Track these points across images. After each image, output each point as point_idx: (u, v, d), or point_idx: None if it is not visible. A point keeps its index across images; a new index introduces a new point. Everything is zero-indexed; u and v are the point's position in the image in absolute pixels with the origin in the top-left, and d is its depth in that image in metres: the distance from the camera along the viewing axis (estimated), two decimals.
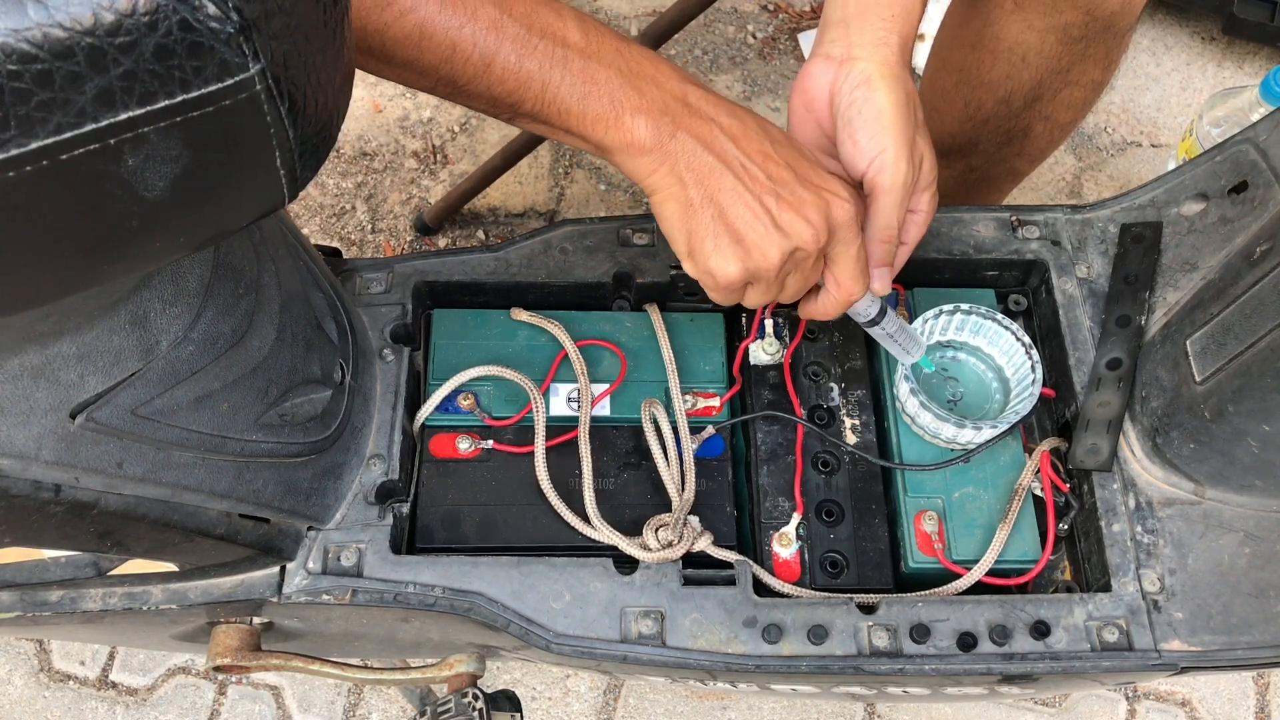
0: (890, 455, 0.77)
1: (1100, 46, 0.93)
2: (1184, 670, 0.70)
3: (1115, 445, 0.74)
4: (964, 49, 0.99)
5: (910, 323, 0.78)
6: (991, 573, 0.72)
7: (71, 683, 1.27)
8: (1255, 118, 1.16)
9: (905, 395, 0.74)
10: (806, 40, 1.60)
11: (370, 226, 1.50)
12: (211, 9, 0.32)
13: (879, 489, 0.77)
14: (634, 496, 0.77)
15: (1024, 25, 0.91)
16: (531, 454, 0.76)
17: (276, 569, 0.71)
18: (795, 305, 0.79)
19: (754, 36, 1.63)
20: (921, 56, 1.55)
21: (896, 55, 0.67)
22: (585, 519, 0.74)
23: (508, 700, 0.74)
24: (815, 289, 0.70)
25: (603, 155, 0.63)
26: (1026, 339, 0.75)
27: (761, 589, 0.72)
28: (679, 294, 0.83)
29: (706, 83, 1.58)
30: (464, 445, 0.78)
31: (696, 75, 1.59)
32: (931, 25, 1.53)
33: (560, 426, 0.78)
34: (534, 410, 0.77)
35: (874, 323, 0.72)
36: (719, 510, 0.77)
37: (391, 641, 0.86)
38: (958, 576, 0.72)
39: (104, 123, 0.33)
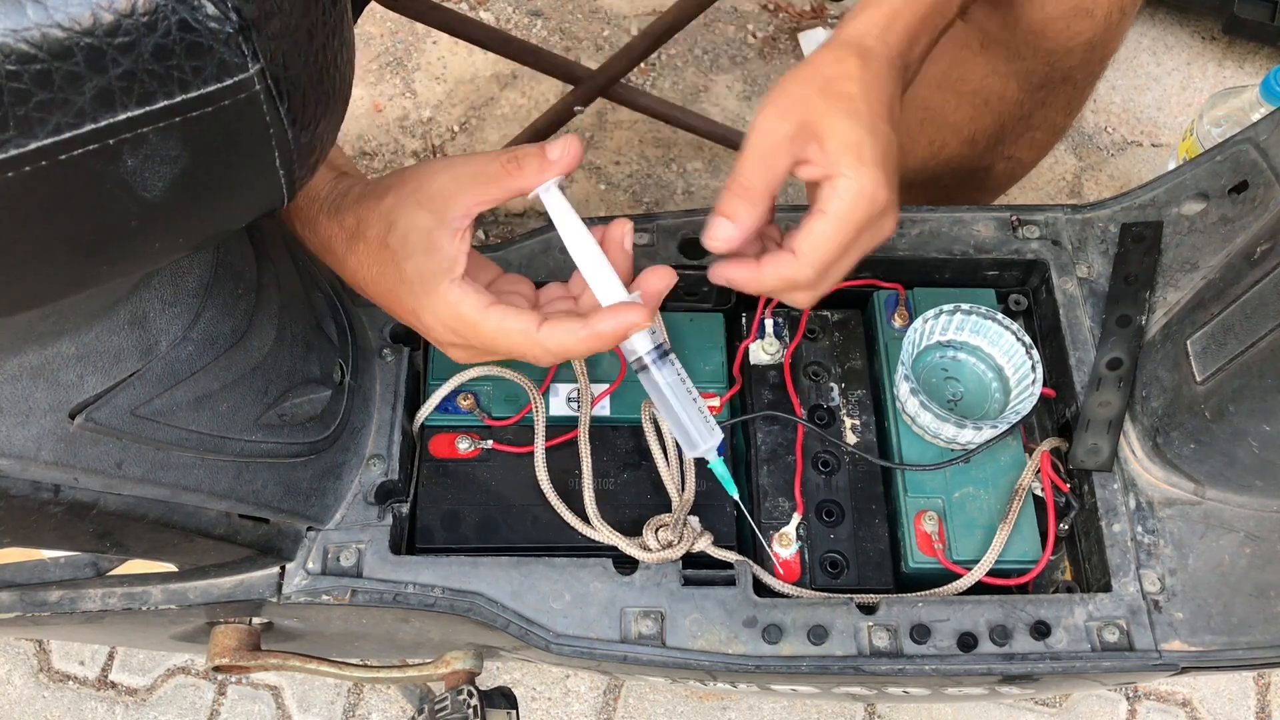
0: (890, 455, 0.77)
1: (1061, 95, 0.92)
2: (1184, 670, 0.70)
3: (1115, 445, 0.74)
4: (929, 88, 0.98)
5: (910, 323, 0.78)
6: (992, 573, 0.72)
7: (71, 683, 1.27)
8: (1255, 117, 1.16)
9: (905, 395, 0.74)
10: (807, 40, 1.60)
11: None
12: (210, 9, 0.32)
13: (879, 489, 0.77)
14: (634, 496, 0.77)
15: (988, 69, 0.91)
16: (531, 454, 0.76)
17: (276, 569, 0.71)
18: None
19: (754, 36, 1.63)
20: None
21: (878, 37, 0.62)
22: (585, 519, 0.74)
23: (503, 697, 0.74)
24: None
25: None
26: (1027, 339, 0.75)
27: (761, 589, 0.72)
28: (679, 294, 0.83)
29: (707, 83, 1.58)
30: (464, 445, 0.78)
31: (696, 75, 1.59)
32: None
33: (560, 426, 0.78)
34: (534, 410, 0.77)
35: (642, 368, 0.61)
36: (719, 510, 0.76)
37: (391, 641, 0.86)
38: (958, 577, 0.72)
39: (103, 123, 0.33)
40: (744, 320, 0.83)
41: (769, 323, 0.81)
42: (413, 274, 0.57)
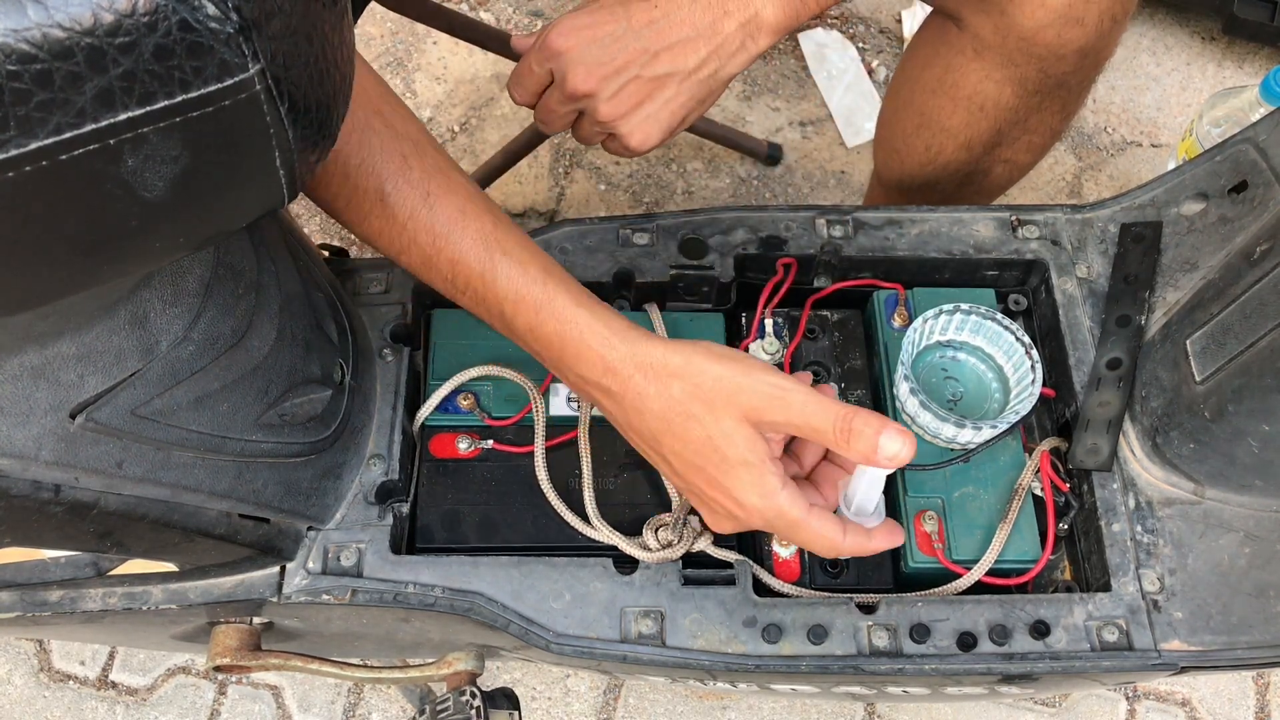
0: None
1: (1056, 100, 0.93)
2: (1184, 670, 0.70)
3: (1115, 445, 0.74)
4: (924, 93, 0.98)
5: (909, 323, 0.78)
6: (991, 572, 0.72)
7: (71, 683, 1.27)
8: (1255, 117, 1.16)
9: (905, 395, 0.74)
10: (807, 41, 1.60)
11: None
12: (211, 9, 0.32)
13: None
14: (634, 496, 0.77)
15: (982, 75, 0.91)
16: (531, 454, 0.76)
17: (276, 569, 0.71)
18: (803, 297, 0.78)
19: None
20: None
21: None
22: (585, 519, 0.74)
23: (506, 698, 0.74)
24: None
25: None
26: (1026, 339, 0.75)
27: (761, 589, 0.72)
28: (679, 293, 0.83)
29: None
30: (464, 445, 0.78)
31: None
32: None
33: (560, 426, 0.78)
34: (534, 410, 0.77)
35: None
36: None
37: (391, 641, 0.86)
38: (958, 576, 0.72)
39: (104, 123, 0.33)
40: (744, 320, 0.83)
41: (769, 322, 0.81)
42: (742, 472, 0.62)
